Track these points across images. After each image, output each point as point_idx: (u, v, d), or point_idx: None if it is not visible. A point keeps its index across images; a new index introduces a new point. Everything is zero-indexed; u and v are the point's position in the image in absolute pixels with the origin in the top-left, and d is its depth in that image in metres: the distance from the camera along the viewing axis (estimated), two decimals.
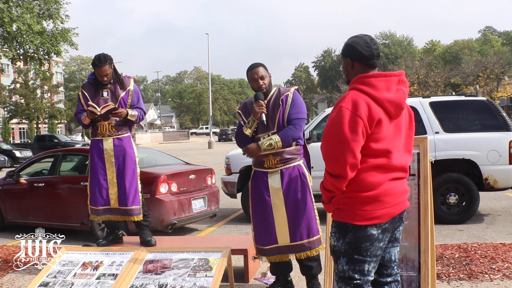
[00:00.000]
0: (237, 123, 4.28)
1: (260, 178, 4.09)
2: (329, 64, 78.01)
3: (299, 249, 4.00)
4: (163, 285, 3.97)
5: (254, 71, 4.08)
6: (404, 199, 2.58)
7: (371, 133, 2.41)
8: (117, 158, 4.78)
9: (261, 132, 4.06)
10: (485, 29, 75.45)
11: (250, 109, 4.14)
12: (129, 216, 4.83)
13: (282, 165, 4.02)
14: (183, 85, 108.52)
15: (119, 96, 4.80)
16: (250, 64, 4.15)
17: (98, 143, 4.83)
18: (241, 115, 4.21)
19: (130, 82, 4.90)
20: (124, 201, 4.80)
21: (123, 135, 4.84)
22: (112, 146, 4.79)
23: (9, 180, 7.95)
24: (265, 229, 4.06)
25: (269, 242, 4.06)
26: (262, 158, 4.05)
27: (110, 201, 4.83)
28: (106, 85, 4.81)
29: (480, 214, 7.99)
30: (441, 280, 4.38)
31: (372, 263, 2.52)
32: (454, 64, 49.16)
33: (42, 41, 22.03)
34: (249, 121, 4.06)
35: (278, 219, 4.01)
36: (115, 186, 4.80)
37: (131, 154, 4.83)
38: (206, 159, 23.31)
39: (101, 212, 4.87)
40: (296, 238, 3.99)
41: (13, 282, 4.85)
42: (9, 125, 49.27)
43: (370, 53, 2.51)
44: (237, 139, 4.22)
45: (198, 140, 54.96)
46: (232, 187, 8.11)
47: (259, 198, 4.09)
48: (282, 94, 4.10)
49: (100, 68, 4.69)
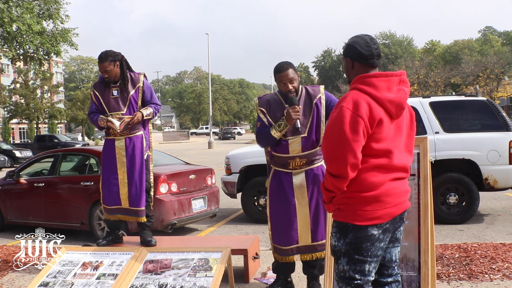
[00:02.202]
0: (258, 120, 4.07)
1: (283, 178, 3.99)
2: (329, 64, 78.01)
3: (320, 249, 3.97)
4: (163, 285, 3.97)
5: (284, 74, 3.84)
6: (405, 199, 2.58)
7: (372, 133, 2.41)
8: (129, 158, 4.76)
9: (290, 135, 3.91)
10: (485, 29, 75.44)
11: (275, 108, 3.96)
12: (139, 217, 4.81)
13: (307, 166, 3.97)
14: (183, 85, 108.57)
15: (129, 94, 4.76)
16: (277, 64, 3.89)
17: (110, 143, 4.82)
18: (265, 113, 3.99)
19: (140, 79, 4.85)
20: (134, 202, 4.78)
21: (136, 134, 4.81)
22: (124, 146, 4.77)
23: (9, 180, 7.95)
24: (287, 229, 4.00)
25: (289, 243, 4.00)
26: (287, 160, 3.95)
27: (121, 201, 4.81)
28: (116, 84, 4.77)
29: (480, 214, 7.99)
30: (441, 280, 4.38)
31: (373, 263, 2.52)
32: (454, 64, 49.12)
33: (42, 41, 22.03)
34: (280, 125, 3.86)
35: (302, 220, 3.97)
36: (125, 186, 4.78)
37: (141, 154, 4.79)
38: (206, 159, 23.31)
39: (113, 211, 4.85)
40: (317, 237, 3.96)
41: (13, 282, 4.85)
42: (9, 125, 49.26)
43: (370, 53, 2.51)
44: (261, 140, 4.02)
45: (198, 140, 54.99)
46: (232, 187, 8.11)
47: (281, 198, 4.00)
48: (313, 96, 3.96)
49: (100, 64, 4.67)
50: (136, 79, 4.83)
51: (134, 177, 4.76)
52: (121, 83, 4.76)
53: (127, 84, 4.78)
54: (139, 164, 4.78)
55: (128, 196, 4.78)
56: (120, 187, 4.80)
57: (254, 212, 7.99)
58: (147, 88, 4.86)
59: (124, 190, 4.79)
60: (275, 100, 4.01)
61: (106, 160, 4.84)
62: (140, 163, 4.78)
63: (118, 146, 4.78)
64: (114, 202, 4.82)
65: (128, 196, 4.79)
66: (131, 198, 4.78)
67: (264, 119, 4.00)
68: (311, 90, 4.01)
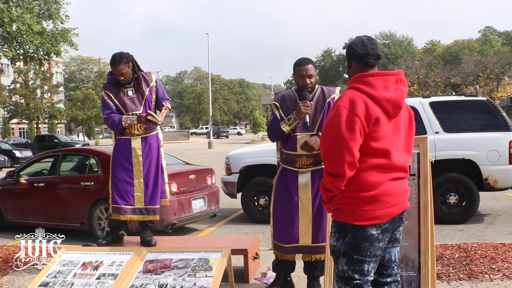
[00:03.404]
0: (271, 114, 4.13)
1: (289, 176, 4.02)
2: (329, 64, 77.97)
3: (320, 251, 3.96)
4: (163, 285, 3.97)
5: (304, 67, 3.89)
6: (404, 199, 2.58)
7: (370, 131, 2.41)
8: (145, 158, 4.76)
9: (299, 131, 3.94)
10: (485, 29, 75.40)
11: (289, 103, 4.01)
12: (155, 215, 4.81)
13: (314, 166, 3.98)
14: (183, 85, 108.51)
15: (145, 94, 4.77)
16: (299, 58, 3.94)
17: (125, 142, 4.78)
18: (278, 108, 4.05)
19: (152, 78, 4.86)
20: (152, 200, 4.78)
21: (151, 133, 4.82)
22: (141, 146, 4.76)
23: (9, 180, 7.95)
24: (288, 228, 4.02)
25: (289, 241, 4.02)
26: (295, 158, 3.99)
27: (134, 201, 4.79)
28: (130, 84, 4.76)
29: (480, 214, 7.99)
30: (441, 280, 4.38)
31: (372, 263, 2.52)
32: (454, 64, 49.11)
33: (42, 41, 22.00)
34: (290, 119, 3.92)
35: (303, 219, 3.97)
36: (142, 185, 4.77)
37: (157, 153, 4.81)
38: (206, 159, 23.30)
39: (124, 211, 4.79)
40: (318, 239, 3.96)
41: (13, 282, 4.85)
42: (9, 125, 49.27)
43: (365, 52, 2.52)
44: (272, 133, 4.07)
45: (198, 140, 55.01)
46: (232, 187, 8.11)
47: (286, 196, 4.02)
48: (327, 95, 3.98)
49: (115, 68, 4.63)
50: (148, 79, 4.84)
51: (151, 177, 4.77)
52: (135, 83, 4.75)
53: (141, 84, 4.77)
54: (155, 163, 4.79)
55: (145, 195, 4.78)
56: (136, 187, 4.78)
57: (254, 212, 7.99)
58: (159, 86, 4.89)
59: (141, 190, 4.78)
60: (290, 96, 4.07)
61: (121, 160, 4.78)
62: (157, 162, 4.80)
63: (134, 146, 4.76)
64: (127, 202, 4.79)
65: (144, 195, 4.78)
66: (147, 197, 4.78)
67: (276, 113, 4.06)
68: (327, 89, 4.05)
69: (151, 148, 4.80)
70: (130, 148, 4.77)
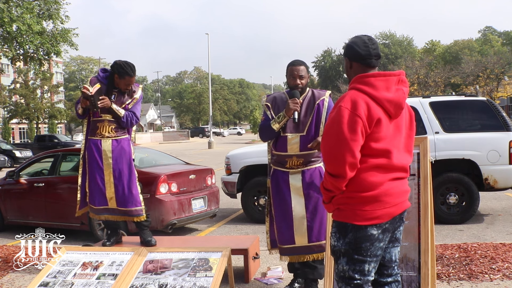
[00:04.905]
0: (263, 115, 4.20)
1: (280, 177, 4.08)
2: (329, 64, 77.94)
3: (317, 250, 4.00)
4: (163, 285, 3.96)
5: (296, 68, 4.01)
6: (404, 199, 2.58)
7: (371, 132, 2.41)
8: (115, 160, 4.75)
9: (289, 131, 4.01)
10: (485, 29, 75.43)
11: (280, 104, 4.09)
12: (131, 217, 4.82)
13: (304, 166, 4.02)
14: (183, 85, 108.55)
15: (124, 103, 4.77)
16: (293, 60, 4.09)
17: (96, 143, 4.79)
18: (270, 108, 4.13)
19: (138, 91, 4.89)
20: (122, 203, 4.78)
21: (122, 137, 4.82)
22: (111, 148, 4.76)
23: (9, 180, 7.95)
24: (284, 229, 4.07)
25: (286, 242, 4.07)
26: (285, 159, 4.03)
27: (107, 201, 4.80)
28: (115, 88, 4.75)
29: (480, 214, 7.99)
30: (441, 280, 4.38)
31: (372, 263, 2.52)
32: (454, 64, 49.11)
33: (42, 41, 21.99)
34: (279, 116, 3.99)
35: (297, 220, 4.01)
36: (112, 187, 4.77)
37: (128, 156, 4.80)
38: (206, 159, 23.30)
39: (100, 212, 4.85)
40: (312, 238, 3.99)
41: (13, 282, 4.85)
42: (9, 125, 49.24)
43: (367, 52, 2.52)
44: (262, 133, 4.14)
45: (198, 140, 55.01)
46: (232, 187, 8.11)
47: (279, 197, 4.08)
48: (317, 97, 4.05)
49: (130, 78, 4.65)
50: (135, 91, 4.85)
51: (122, 178, 4.76)
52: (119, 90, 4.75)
53: (125, 94, 4.78)
54: (127, 165, 4.78)
55: (116, 197, 4.77)
56: (106, 188, 4.78)
57: (254, 212, 7.99)
58: (139, 100, 4.89)
59: (111, 191, 4.77)
60: (281, 98, 4.16)
61: (91, 160, 4.79)
62: (128, 164, 4.79)
63: (104, 148, 4.76)
64: (100, 202, 4.81)
65: (115, 196, 4.77)
66: (119, 199, 4.77)
67: (268, 113, 4.13)
68: (317, 92, 4.13)
69: (122, 150, 4.77)
70: (101, 149, 4.77)
